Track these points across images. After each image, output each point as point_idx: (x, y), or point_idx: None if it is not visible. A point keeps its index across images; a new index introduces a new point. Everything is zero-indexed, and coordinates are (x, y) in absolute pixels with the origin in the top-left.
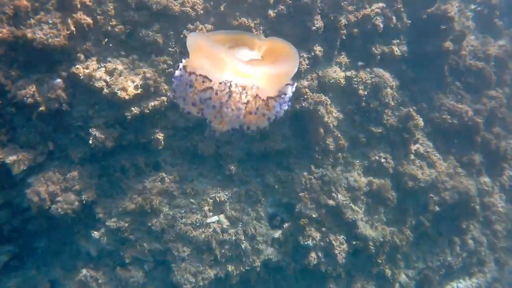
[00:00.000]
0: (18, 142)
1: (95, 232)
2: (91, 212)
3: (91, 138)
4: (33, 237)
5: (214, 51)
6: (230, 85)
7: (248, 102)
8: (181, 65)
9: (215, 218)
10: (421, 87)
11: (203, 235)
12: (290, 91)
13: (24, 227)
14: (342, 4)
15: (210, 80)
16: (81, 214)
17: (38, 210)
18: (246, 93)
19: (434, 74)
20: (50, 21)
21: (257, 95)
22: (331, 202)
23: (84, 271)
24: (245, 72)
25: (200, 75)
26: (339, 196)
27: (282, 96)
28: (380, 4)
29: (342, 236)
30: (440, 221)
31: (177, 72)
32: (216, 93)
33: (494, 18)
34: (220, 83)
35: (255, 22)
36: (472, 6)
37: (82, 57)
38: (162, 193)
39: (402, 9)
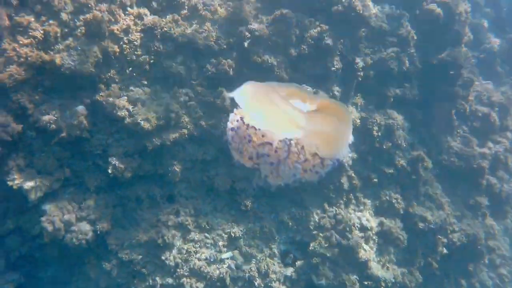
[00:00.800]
0: (35, 167)
1: (106, 264)
2: (103, 242)
3: (110, 168)
4: (40, 265)
5: (274, 102)
6: (290, 143)
7: (305, 160)
8: (237, 116)
9: (229, 254)
10: (430, 129)
11: (217, 271)
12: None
13: (32, 255)
14: (360, 46)
15: (269, 136)
16: (93, 244)
17: (51, 239)
18: (304, 152)
19: (443, 117)
20: (79, 48)
21: (315, 153)
22: (344, 241)
23: None
24: (303, 127)
25: (260, 129)
26: (352, 235)
27: (336, 155)
28: (395, 48)
29: (355, 276)
30: (447, 263)
31: (233, 124)
32: (276, 150)
33: (496, 66)
34: (280, 141)
35: (278, 60)
36: (476, 53)
37: (106, 84)
38: (176, 226)
39: (414, 54)
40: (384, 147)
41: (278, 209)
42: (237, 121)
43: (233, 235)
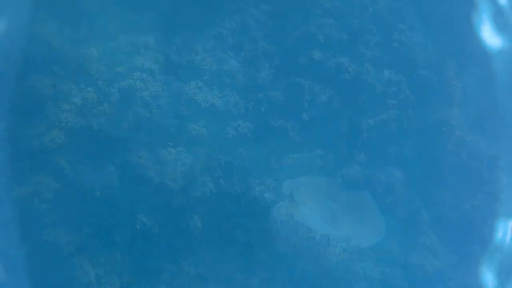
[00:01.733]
0: (67, 222)
1: None
2: None
3: (138, 224)
4: None
5: (317, 200)
6: (330, 238)
7: (339, 254)
8: (286, 210)
9: None
10: (426, 182)
11: None
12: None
13: None
14: (364, 109)
15: (314, 232)
16: None
17: None
18: (339, 246)
19: (438, 171)
20: (114, 113)
21: (346, 249)
22: None
23: None
24: (338, 224)
25: (307, 226)
26: (358, 285)
27: (360, 250)
28: (395, 111)
29: None
30: None
31: (283, 217)
32: (317, 243)
33: (485, 121)
34: (322, 235)
35: (291, 124)
36: (467, 110)
37: (136, 145)
38: (195, 277)
39: (412, 115)
40: (386, 201)
41: (290, 263)
42: (287, 216)
43: (249, 286)
